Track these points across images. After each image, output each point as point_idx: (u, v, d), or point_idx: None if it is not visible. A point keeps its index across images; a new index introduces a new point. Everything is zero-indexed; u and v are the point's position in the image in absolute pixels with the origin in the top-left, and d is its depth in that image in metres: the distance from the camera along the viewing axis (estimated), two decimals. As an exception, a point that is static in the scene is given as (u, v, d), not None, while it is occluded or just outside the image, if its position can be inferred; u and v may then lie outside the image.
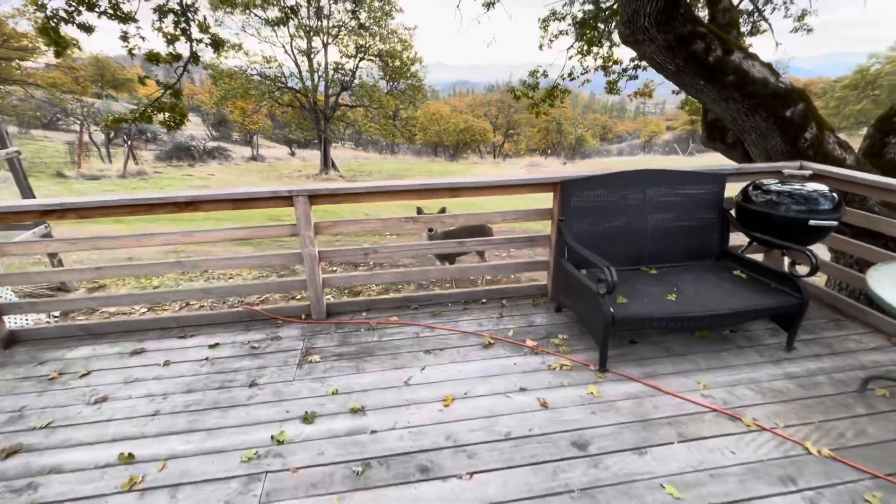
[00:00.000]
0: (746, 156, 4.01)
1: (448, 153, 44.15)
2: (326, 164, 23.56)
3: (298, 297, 4.20)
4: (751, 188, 3.00)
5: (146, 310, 3.51)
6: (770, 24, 7.78)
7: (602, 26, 7.92)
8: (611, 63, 9.07)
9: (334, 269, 4.94)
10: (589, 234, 2.95)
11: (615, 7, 7.39)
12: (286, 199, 2.71)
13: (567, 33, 9.13)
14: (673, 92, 9.74)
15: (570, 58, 8.98)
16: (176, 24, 4.78)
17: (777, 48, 7.82)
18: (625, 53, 9.38)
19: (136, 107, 5.36)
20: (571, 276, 2.76)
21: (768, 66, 3.49)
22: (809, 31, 8.05)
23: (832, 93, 38.59)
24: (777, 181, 2.87)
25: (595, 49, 8.81)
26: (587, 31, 8.23)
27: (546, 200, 3.18)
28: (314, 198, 2.73)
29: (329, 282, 3.02)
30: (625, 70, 9.10)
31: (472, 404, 2.21)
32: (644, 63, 8.95)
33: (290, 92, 22.53)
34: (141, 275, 3.03)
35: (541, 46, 9.79)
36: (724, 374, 2.43)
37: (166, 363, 2.58)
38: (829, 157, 3.42)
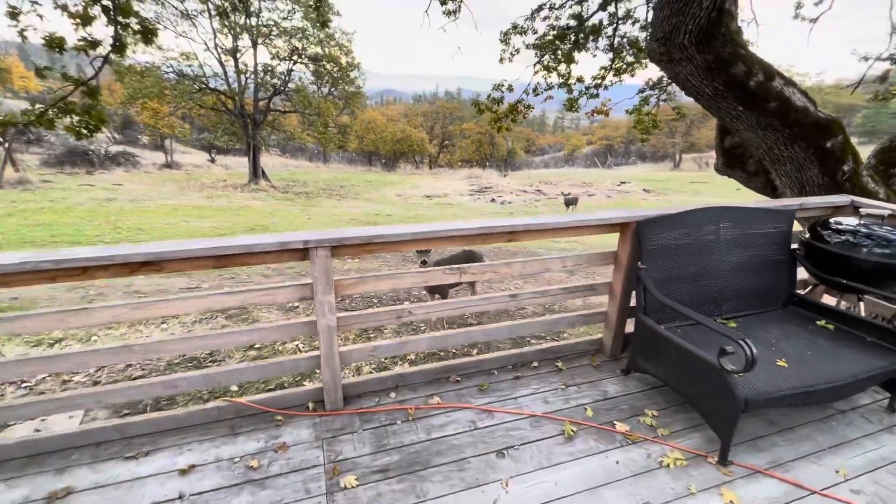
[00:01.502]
0: (770, 185, 3.86)
1: (382, 162, 43.14)
2: (256, 172, 21.56)
3: (301, 379, 3.27)
4: (820, 227, 2.74)
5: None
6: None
7: (570, 42, 7.76)
8: (574, 81, 9.03)
9: (351, 338, 4.04)
10: (661, 282, 2.49)
11: (592, 25, 7.27)
12: (298, 253, 1.92)
13: (530, 47, 8.93)
14: (628, 111, 9.98)
15: (537, 72, 8.78)
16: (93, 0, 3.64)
17: None
18: (586, 72, 9.39)
19: (30, 107, 4.06)
20: (662, 338, 2.27)
21: (805, 93, 3.33)
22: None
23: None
24: (858, 220, 2.63)
25: (561, 66, 8.70)
26: (556, 48, 8.07)
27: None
28: (338, 248, 1.96)
29: (348, 357, 2.25)
30: (587, 88, 9.11)
31: (597, 543, 1.59)
32: (607, 82, 9.05)
33: (214, 94, 20.31)
34: (64, 370, 2.02)
35: (501, 60, 9.49)
36: (852, 454, 2.06)
37: (113, 514, 1.65)
38: (866, 191, 3.32)
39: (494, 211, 17.86)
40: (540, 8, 8.31)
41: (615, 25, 7.79)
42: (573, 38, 7.44)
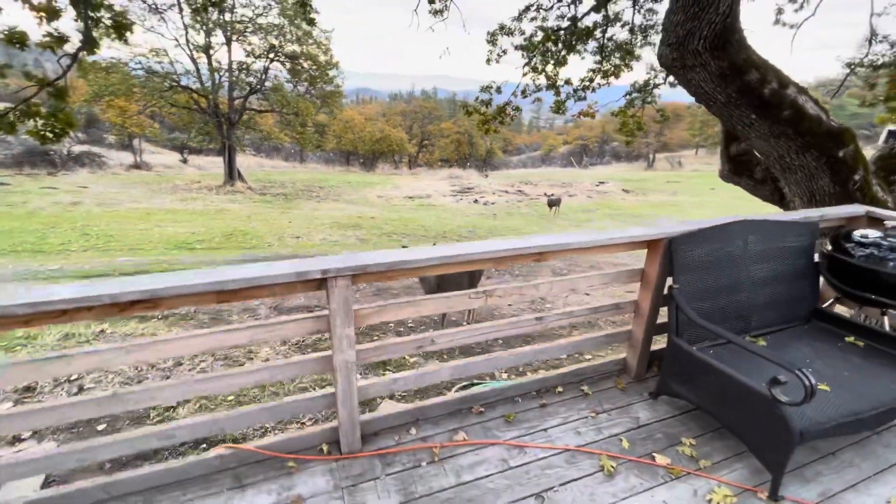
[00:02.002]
0: (777, 193, 3.83)
1: (360, 162, 42.55)
2: (232, 174, 20.84)
3: (313, 419, 3.02)
4: (842, 239, 2.69)
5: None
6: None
7: (563, 44, 7.68)
8: (562, 83, 8.96)
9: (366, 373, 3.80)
10: (690, 299, 2.38)
11: (586, 27, 7.21)
12: (314, 283, 1.70)
13: (518, 48, 8.82)
14: (622, 112, 9.97)
15: (525, 74, 8.68)
16: (60, -7, 3.29)
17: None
18: (571, 74, 9.35)
19: (-14, 109, 3.66)
20: (699, 362, 2.15)
21: (817, 101, 3.28)
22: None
23: (697, 116, 45.01)
24: (882, 231, 2.57)
25: (549, 67, 8.62)
26: (546, 50, 7.98)
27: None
28: (359, 276, 1.75)
29: (365, 392, 2.04)
30: (575, 90, 9.05)
31: None
32: (595, 84, 9.03)
33: (187, 92, 19.47)
34: (43, 426, 1.72)
35: (488, 61, 9.35)
36: (898, 481, 1.99)
37: None
38: (876, 200, 3.31)
39: (479, 212, 17.77)
40: (527, 8, 8.21)
41: (604, 28, 7.76)
42: (566, 40, 7.34)
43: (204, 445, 2.63)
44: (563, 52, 7.63)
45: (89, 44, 3.54)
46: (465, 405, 2.32)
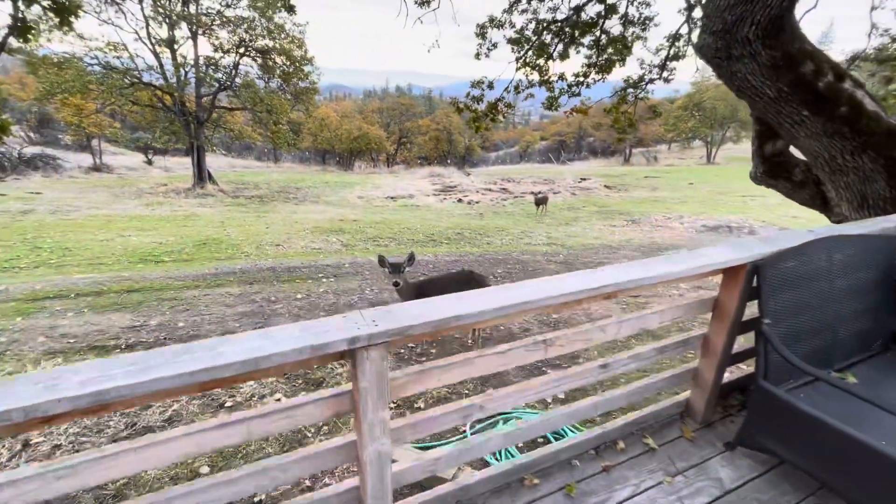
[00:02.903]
0: (819, 197, 3.51)
1: (336, 161, 41.50)
2: (201, 175, 19.71)
3: None
4: (924, 253, 2.36)
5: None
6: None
7: (567, 37, 7.30)
8: (556, 79, 8.60)
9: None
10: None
11: (590, 19, 6.83)
12: (335, 356, 1.21)
13: (511, 42, 8.41)
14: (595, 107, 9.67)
15: (518, 69, 8.26)
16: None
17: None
18: (568, 69, 9.03)
19: None
20: (804, 417, 1.75)
21: (873, 97, 2.96)
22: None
23: (670, 111, 45.88)
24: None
25: (540, 61, 8.24)
26: (542, 44, 7.59)
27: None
28: (397, 341, 1.27)
29: (398, 480, 1.55)
30: (570, 86, 8.70)
31: None
32: (590, 80, 8.69)
33: (150, 89, 18.23)
34: None
35: (478, 56, 8.93)
36: None
37: None
38: (934, 205, 3.01)
39: (464, 212, 17.32)
40: (518, 0, 7.79)
41: (602, 21, 7.42)
42: (570, 33, 6.95)
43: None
44: (561, 46, 7.23)
45: (21, 29, 2.90)
46: (514, 477, 1.87)
